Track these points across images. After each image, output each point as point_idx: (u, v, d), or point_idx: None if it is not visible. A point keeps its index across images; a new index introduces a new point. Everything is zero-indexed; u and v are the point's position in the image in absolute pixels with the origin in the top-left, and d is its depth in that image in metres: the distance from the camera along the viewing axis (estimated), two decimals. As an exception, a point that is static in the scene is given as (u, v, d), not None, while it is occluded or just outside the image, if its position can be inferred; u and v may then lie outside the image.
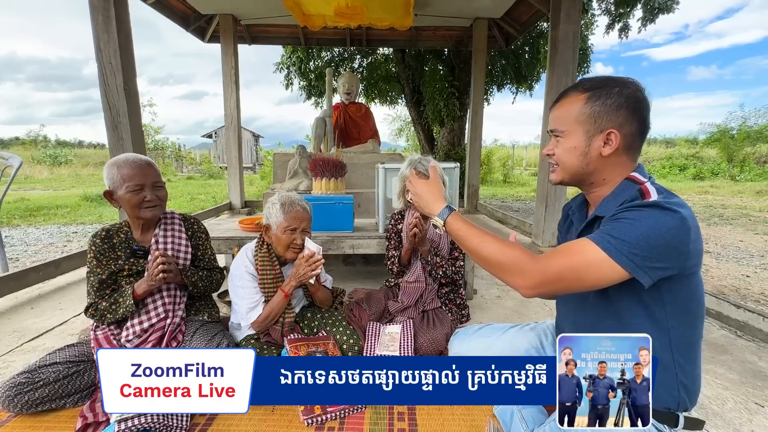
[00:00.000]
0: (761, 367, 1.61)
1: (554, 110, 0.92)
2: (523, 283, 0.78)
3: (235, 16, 4.73)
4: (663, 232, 0.72)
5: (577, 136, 0.87)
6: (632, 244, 0.73)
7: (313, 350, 1.43)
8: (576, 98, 0.87)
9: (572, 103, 0.87)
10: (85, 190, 8.49)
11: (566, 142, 0.88)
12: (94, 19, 2.33)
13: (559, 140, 0.90)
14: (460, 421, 1.24)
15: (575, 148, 0.87)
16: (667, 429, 0.86)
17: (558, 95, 0.93)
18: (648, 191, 0.82)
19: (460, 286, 1.98)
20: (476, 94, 5.21)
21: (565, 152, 0.89)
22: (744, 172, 11.20)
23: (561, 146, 0.90)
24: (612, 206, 0.84)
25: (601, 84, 0.85)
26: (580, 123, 0.86)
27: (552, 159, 0.93)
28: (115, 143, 2.44)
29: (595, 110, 0.84)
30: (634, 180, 0.85)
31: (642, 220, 0.74)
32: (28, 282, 2.40)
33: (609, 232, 0.76)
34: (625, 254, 0.73)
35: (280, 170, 3.51)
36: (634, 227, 0.73)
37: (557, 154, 0.91)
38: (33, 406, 1.20)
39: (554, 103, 0.93)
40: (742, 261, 3.42)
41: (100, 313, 1.36)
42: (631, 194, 0.83)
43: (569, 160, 0.89)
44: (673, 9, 5.83)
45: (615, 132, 0.83)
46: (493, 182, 11.80)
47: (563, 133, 0.89)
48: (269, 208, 1.57)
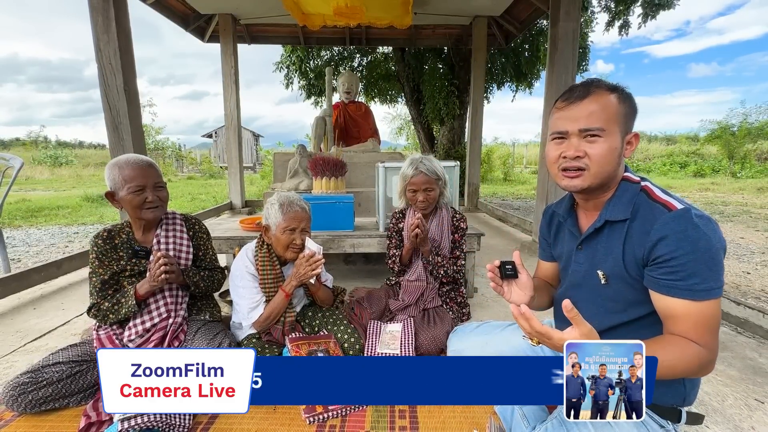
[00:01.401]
0: (761, 364, 1.62)
1: (583, 106, 0.81)
2: (710, 371, 0.79)
3: (235, 16, 4.73)
4: (713, 244, 0.74)
5: (616, 137, 0.81)
6: (712, 277, 0.74)
7: (315, 349, 1.44)
8: (607, 95, 0.81)
9: (606, 100, 0.81)
10: (86, 190, 8.50)
11: (605, 143, 0.81)
12: (93, 20, 2.34)
13: (595, 140, 0.81)
14: (461, 418, 1.25)
15: (615, 149, 0.81)
16: (670, 425, 0.87)
17: (579, 91, 0.83)
18: (653, 192, 0.83)
19: (461, 284, 1.99)
20: (476, 92, 5.21)
21: (605, 154, 0.81)
22: (745, 169, 11.18)
23: (599, 147, 0.81)
24: (621, 208, 0.84)
25: (614, 86, 0.84)
26: (617, 122, 0.81)
27: (583, 161, 0.83)
28: (116, 144, 2.45)
29: (627, 111, 0.82)
30: (629, 180, 0.86)
31: (698, 249, 0.74)
32: (31, 282, 2.41)
33: (692, 281, 0.75)
34: (717, 288, 0.75)
35: (280, 170, 3.52)
36: (699, 260, 0.74)
37: (593, 155, 0.81)
38: (36, 405, 1.21)
39: (579, 98, 0.82)
40: (742, 258, 3.42)
41: (102, 314, 1.37)
42: (634, 193, 0.84)
43: (607, 163, 0.82)
44: (673, 5, 5.81)
45: (637, 134, 0.84)
46: (494, 180, 11.79)
47: (603, 132, 0.80)
48: (268, 208, 1.57)
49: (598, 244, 0.90)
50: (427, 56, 7.53)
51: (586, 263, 0.92)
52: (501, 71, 7.57)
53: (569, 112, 0.83)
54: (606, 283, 0.88)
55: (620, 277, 0.85)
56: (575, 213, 0.99)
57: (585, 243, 0.93)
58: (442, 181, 1.85)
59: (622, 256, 0.84)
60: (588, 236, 0.91)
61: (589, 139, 0.82)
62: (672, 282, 0.76)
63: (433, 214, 1.92)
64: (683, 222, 0.75)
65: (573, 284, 0.97)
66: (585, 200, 0.93)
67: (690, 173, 12.04)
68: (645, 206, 0.82)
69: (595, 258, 0.90)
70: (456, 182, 2.23)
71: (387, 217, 2.26)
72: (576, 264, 0.96)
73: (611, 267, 0.86)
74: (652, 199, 0.81)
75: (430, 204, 1.85)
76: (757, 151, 12.33)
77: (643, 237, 0.80)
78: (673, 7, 5.84)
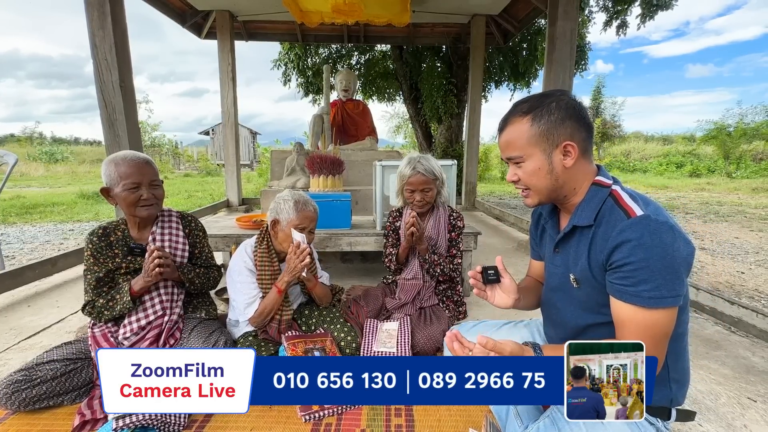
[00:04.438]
0: (754, 363, 1.63)
1: (501, 138, 0.92)
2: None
3: (232, 13, 4.70)
4: (669, 252, 0.74)
5: (537, 158, 0.87)
6: (665, 285, 0.74)
7: (311, 347, 1.44)
8: (519, 122, 0.87)
9: (518, 128, 0.87)
10: (82, 187, 8.45)
11: (528, 166, 0.88)
12: (89, 15, 2.32)
13: (520, 165, 0.90)
14: (456, 416, 1.25)
15: (540, 169, 0.88)
16: (660, 422, 0.88)
17: (500, 124, 0.93)
18: (621, 196, 0.83)
19: (458, 283, 1.99)
20: (474, 91, 5.21)
21: (531, 176, 0.89)
22: (740, 169, 11.26)
23: (523, 171, 0.90)
24: (587, 213, 0.86)
25: (537, 103, 0.86)
26: (534, 144, 0.86)
27: (519, 185, 0.93)
28: (112, 140, 2.43)
29: (543, 129, 0.85)
30: (600, 184, 0.88)
31: (651, 257, 0.74)
32: (25, 280, 2.39)
33: (641, 288, 0.76)
34: (669, 297, 0.75)
35: (277, 167, 3.51)
36: (652, 268, 0.74)
37: (523, 179, 0.90)
38: (30, 403, 1.20)
39: (499, 132, 0.93)
40: (737, 257, 3.45)
41: (97, 311, 1.36)
42: (602, 198, 0.85)
43: (539, 182, 0.89)
44: (671, 5, 5.83)
45: (571, 143, 0.85)
46: (491, 179, 11.82)
47: (522, 158, 0.89)
48: (280, 204, 1.56)
49: (570, 248, 0.92)
50: (426, 54, 7.52)
51: (562, 266, 0.95)
52: (499, 70, 7.57)
53: (498, 143, 0.94)
54: (578, 286, 0.90)
55: (588, 282, 0.87)
56: (557, 215, 1.01)
57: (560, 246, 0.96)
58: (439, 180, 1.85)
59: (588, 261, 0.86)
60: (561, 240, 0.94)
61: (516, 165, 0.91)
62: (623, 287, 0.78)
63: (430, 212, 1.92)
64: (639, 229, 0.76)
65: (551, 287, 1.01)
66: (560, 206, 0.97)
67: (686, 173, 12.11)
68: (609, 212, 0.83)
69: (569, 262, 0.92)
70: (453, 181, 2.23)
71: (384, 215, 2.26)
72: (553, 267, 0.98)
73: (580, 271, 0.88)
74: (618, 204, 0.82)
75: (428, 203, 1.85)
76: (753, 152, 12.41)
77: (604, 243, 0.82)
78: (672, 7, 5.85)
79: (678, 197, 7.41)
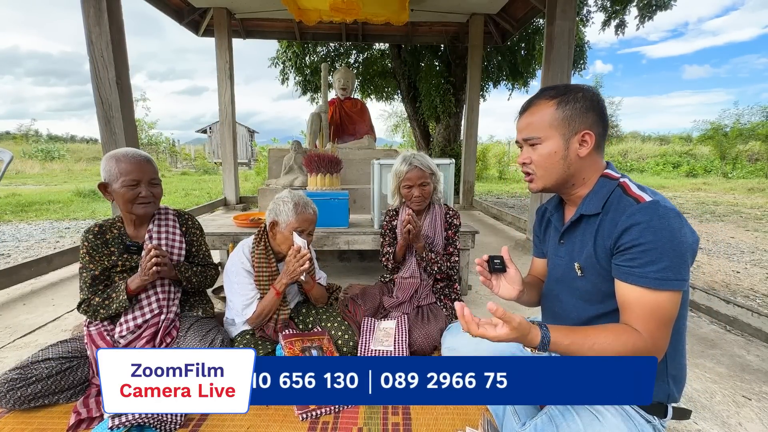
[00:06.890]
0: (749, 361, 1.64)
1: (523, 119, 0.93)
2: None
3: (230, 10, 4.68)
4: (677, 236, 0.75)
5: (555, 141, 0.88)
6: (671, 268, 0.75)
7: (308, 346, 1.44)
8: (545, 105, 0.89)
9: (543, 110, 0.89)
10: (78, 185, 8.39)
11: (544, 148, 0.89)
12: (85, 11, 2.30)
13: (536, 147, 0.91)
14: (453, 414, 1.25)
15: (555, 153, 0.89)
16: (656, 420, 0.88)
17: (523, 105, 0.94)
18: (629, 187, 0.85)
19: (455, 281, 1.99)
20: (472, 90, 5.22)
21: (545, 158, 0.90)
22: (736, 170, 11.32)
23: (538, 153, 0.90)
24: (595, 203, 0.88)
25: (565, 90, 0.88)
26: (555, 128, 0.87)
27: (529, 167, 0.93)
28: (108, 138, 2.42)
29: (567, 114, 0.87)
30: (609, 176, 0.89)
31: (659, 239, 0.75)
32: (20, 278, 2.38)
33: (648, 269, 0.76)
34: (675, 280, 0.76)
35: (275, 166, 3.50)
36: (660, 249, 0.75)
37: (536, 161, 0.91)
38: (26, 402, 1.19)
39: (521, 113, 0.94)
40: (732, 257, 3.47)
41: (93, 309, 1.35)
42: (610, 189, 0.87)
43: (551, 166, 0.90)
44: (670, 5, 5.84)
45: (590, 132, 0.86)
46: (489, 178, 11.83)
47: (540, 140, 0.89)
48: (279, 205, 1.55)
49: (575, 237, 0.94)
50: (424, 53, 7.51)
51: (566, 257, 0.96)
52: (497, 69, 7.57)
53: (517, 125, 0.95)
54: (582, 275, 0.91)
55: (593, 269, 0.88)
56: (563, 209, 1.03)
57: (565, 237, 0.97)
58: (435, 175, 1.85)
59: (593, 248, 0.87)
60: (567, 230, 0.95)
61: (532, 147, 0.92)
62: (630, 268, 0.79)
63: (426, 210, 1.92)
64: (649, 212, 0.77)
65: (555, 278, 1.01)
66: (565, 197, 0.98)
67: (682, 173, 12.16)
68: (618, 200, 0.85)
69: (573, 251, 0.94)
70: (451, 180, 2.23)
71: (382, 214, 2.26)
72: (558, 258, 1.00)
73: (585, 259, 0.89)
74: (626, 193, 0.84)
75: (426, 199, 1.85)
76: (749, 152, 12.47)
77: (612, 228, 0.83)
78: (670, 7, 5.86)
79: (674, 197, 7.44)
